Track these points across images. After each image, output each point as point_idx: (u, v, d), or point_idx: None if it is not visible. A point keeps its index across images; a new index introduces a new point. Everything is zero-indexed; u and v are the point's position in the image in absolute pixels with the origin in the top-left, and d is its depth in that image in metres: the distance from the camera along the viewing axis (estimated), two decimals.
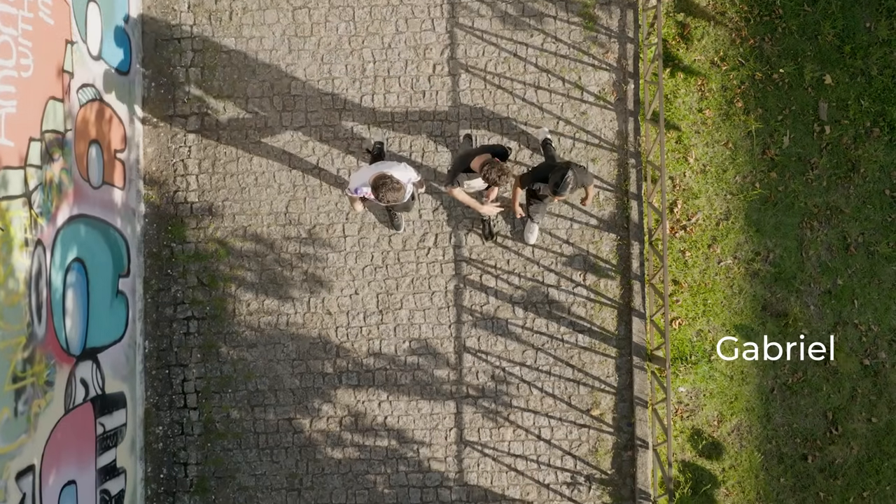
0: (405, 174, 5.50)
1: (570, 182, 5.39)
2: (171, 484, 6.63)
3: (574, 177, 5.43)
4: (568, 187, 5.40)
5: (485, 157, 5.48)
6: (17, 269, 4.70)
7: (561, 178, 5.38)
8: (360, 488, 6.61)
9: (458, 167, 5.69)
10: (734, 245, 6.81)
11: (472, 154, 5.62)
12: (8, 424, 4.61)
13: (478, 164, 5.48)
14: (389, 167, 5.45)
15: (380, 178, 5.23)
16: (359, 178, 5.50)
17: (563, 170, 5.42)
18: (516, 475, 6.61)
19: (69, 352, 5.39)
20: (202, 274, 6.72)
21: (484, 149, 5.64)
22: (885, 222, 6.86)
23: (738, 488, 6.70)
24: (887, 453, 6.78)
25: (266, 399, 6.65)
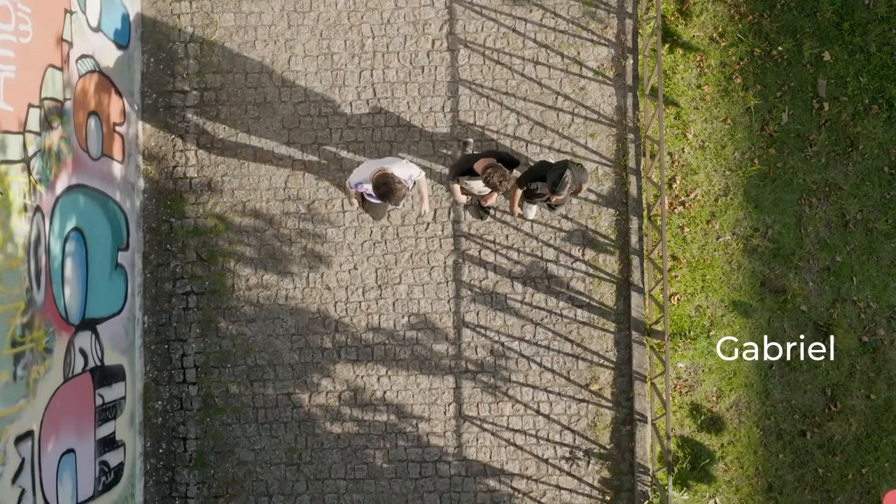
0: (407, 170, 5.49)
1: (569, 181, 5.39)
2: (171, 458, 6.64)
3: (572, 176, 5.42)
4: (566, 186, 5.40)
5: (490, 160, 5.50)
6: (15, 234, 4.70)
7: (559, 178, 5.38)
8: (359, 463, 6.61)
9: (462, 165, 5.71)
10: (733, 221, 6.81)
11: (479, 156, 5.66)
12: (7, 388, 4.62)
13: (481, 166, 5.50)
14: (391, 163, 5.45)
15: (381, 177, 5.21)
16: (360, 174, 5.50)
17: (562, 168, 5.41)
18: (515, 450, 6.61)
19: (68, 321, 5.39)
20: (201, 249, 6.72)
21: (492, 153, 5.67)
22: (884, 199, 6.87)
23: (736, 464, 6.70)
24: (886, 430, 6.78)
25: (265, 374, 6.66)
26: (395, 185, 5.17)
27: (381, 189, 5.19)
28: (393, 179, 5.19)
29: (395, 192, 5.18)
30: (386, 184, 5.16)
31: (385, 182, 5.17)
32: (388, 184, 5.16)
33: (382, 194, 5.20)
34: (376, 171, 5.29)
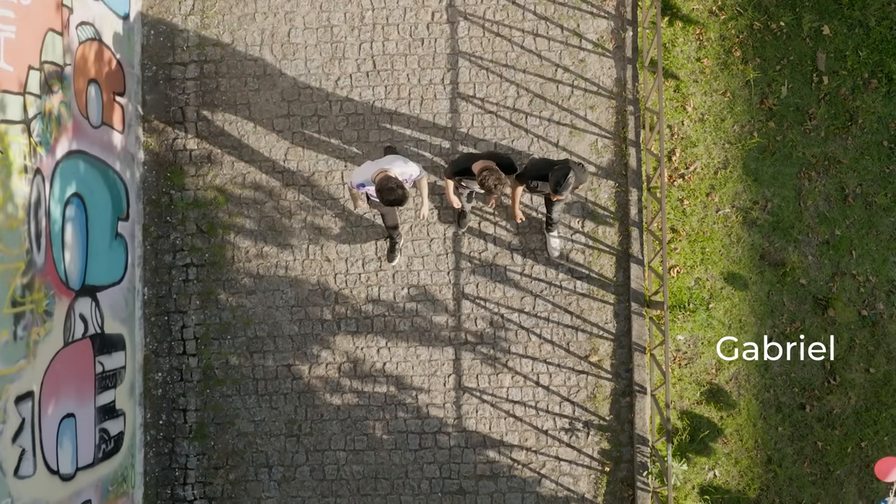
0: (406, 169, 5.50)
1: (571, 182, 5.40)
2: (171, 430, 6.65)
3: (575, 177, 5.43)
4: (568, 187, 5.41)
5: (487, 163, 5.51)
6: (16, 195, 4.71)
7: (562, 178, 5.38)
8: (359, 434, 6.62)
9: (460, 164, 5.72)
10: (732, 194, 6.82)
11: (477, 157, 5.67)
12: (7, 347, 4.63)
13: (479, 167, 5.51)
14: (391, 163, 5.45)
15: (384, 180, 5.22)
16: (361, 174, 5.49)
17: (564, 170, 5.41)
18: (515, 421, 6.62)
19: (68, 285, 5.40)
20: (201, 221, 6.73)
21: (492, 155, 5.68)
22: (883, 173, 6.87)
23: (735, 436, 6.70)
24: (885, 404, 6.78)
25: (265, 345, 6.67)
26: (398, 192, 5.19)
27: (386, 195, 5.19)
28: (396, 182, 5.20)
29: (400, 199, 5.21)
30: (390, 189, 5.17)
31: (388, 187, 5.18)
32: (391, 189, 5.17)
33: (389, 202, 5.20)
34: (377, 172, 5.29)
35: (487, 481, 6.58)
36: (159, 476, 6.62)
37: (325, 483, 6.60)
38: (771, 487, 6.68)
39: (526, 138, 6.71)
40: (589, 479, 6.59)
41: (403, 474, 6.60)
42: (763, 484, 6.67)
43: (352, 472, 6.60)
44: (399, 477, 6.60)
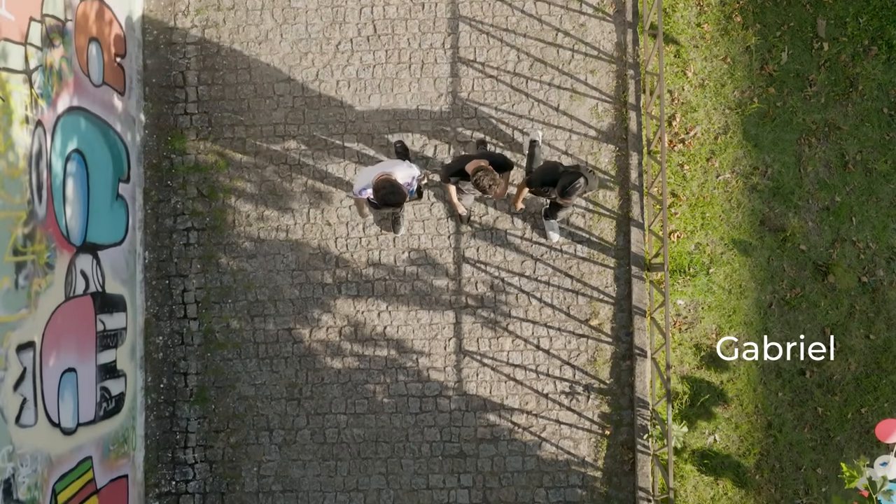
0: (408, 173, 5.48)
1: (580, 188, 5.41)
2: (171, 393, 6.66)
3: (585, 183, 5.43)
4: (577, 192, 5.42)
5: (481, 163, 5.49)
6: (17, 144, 4.72)
7: (570, 184, 5.38)
8: (360, 398, 6.63)
9: (454, 166, 5.69)
10: (732, 159, 6.82)
11: (472, 157, 5.63)
12: (8, 295, 4.64)
13: (472, 168, 5.48)
14: (392, 167, 5.44)
15: (381, 182, 5.21)
16: (363, 180, 5.49)
17: (575, 176, 5.41)
18: (515, 384, 6.63)
19: (69, 240, 5.41)
20: (202, 185, 6.74)
21: (485, 155, 5.65)
22: (883, 140, 6.87)
23: (736, 401, 6.71)
24: (885, 370, 6.78)
25: (266, 309, 6.68)
26: (395, 189, 5.18)
27: (382, 195, 5.18)
28: (394, 184, 5.19)
29: (395, 196, 5.18)
30: (385, 188, 5.17)
31: (384, 186, 5.18)
32: (388, 190, 5.16)
33: (382, 198, 5.20)
34: (378, 175, 5.28)
35: (488, 444, 6.59)
36: (160, 439, 6.62)
37: (325, 446, 6.61)
38: (771, 452, 6.68)
39: (526, 102, 6.71)
40: (589, 442, 6.60)
41: (404, 438, 6.61)
42: (763, 449, 6.68)
43: (352, 436, 6.61)
44: (399, 440, 6.60)
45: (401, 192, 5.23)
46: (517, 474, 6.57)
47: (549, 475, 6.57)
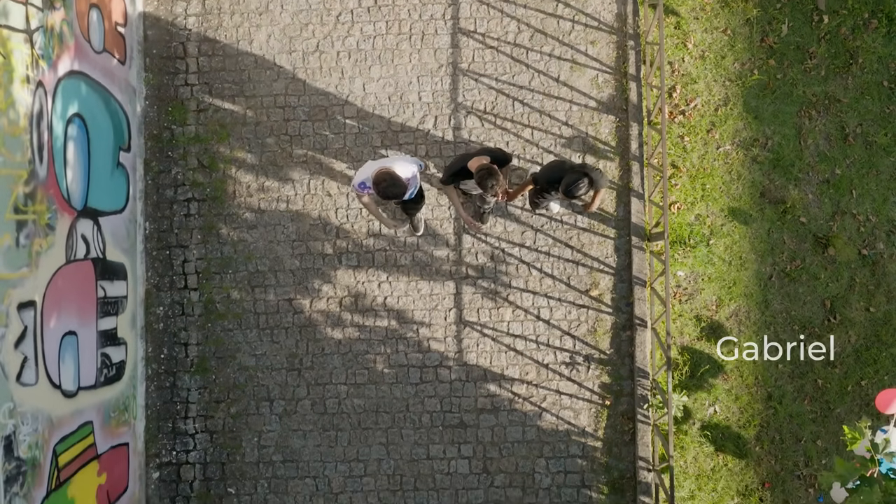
0: (408, 168, 5.47)
1: (584, 188, 5.37)
2: (172, 364, 6.66)
3: (588, 183, 5.38)
4: (580, 191, 5.38)
5: (483, 159, 5.44)
6: (17, 102, 4.73)
7: (573, 182, 5.34)
8: (360, 368, 6.64)
9: (455, 166, 5.63)
10: (733, 131, 6.83)
11: (472, 154, 5.58)
12: (9, 252, 4.65)
13: (475, 165, 5.42)
14: (392, 162, 5.44)
15: (381, 175, 5.20)
16: (363, 174, 5.48)
17: (579, 174, 5.38)
18: (515, 355, 6.63)
19: (70, 203, 5.42)
20: (202, 156, 6.74)
21: (485, 151, 5.59)
22: (884, 113, 6.88)
23: (736, 373, 6.71)
24: (885, 343, 6.79)
25: (266, 280, 6.68)
26: (395, 181, 5.17)
27: (382, 187, 5.17)
28: (393, 176, 5.19)
29: (395, 188, 5.17)
30: (385, 180, 5.16)
31: (385, 179, 5.17)
32: (388, 183, 5.16)
33: (383, 191, 5.18)
34: (378, 170, 5.29)
35: (488, 415, 6.60)
36: (160, 409, 6.63)
37: (325, 416, 6.61)
38: (771, 424, 6.69)
39: (526, 73, 6.72)
40: (589, 412, 6.61)
41: (404, 408, 6.61)
42: (763, 421, 6.68)
43: (353, 406, 6.62)
44: (400, 410, 6.61)
45: (401, 185, 5.22)
46: (517, 444, 6.57)
47: (550, 445, 6.58)
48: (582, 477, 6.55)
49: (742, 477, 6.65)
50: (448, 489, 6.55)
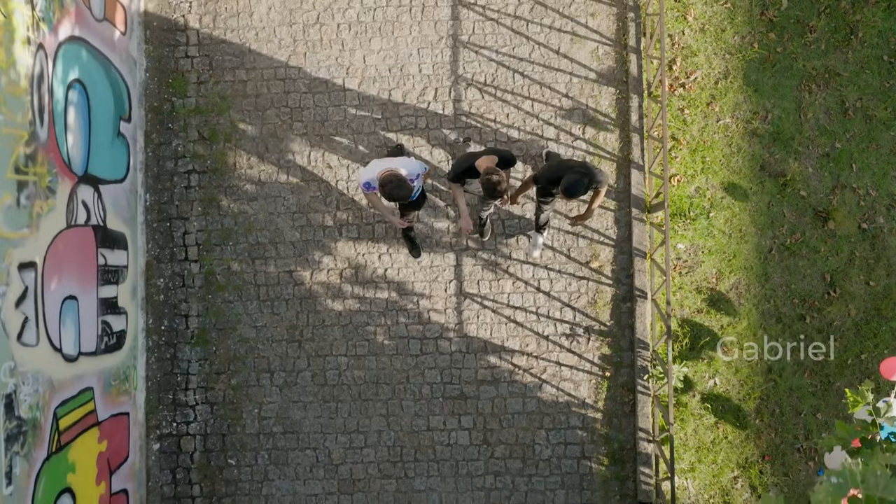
0: (412, 168, 5.47)
1: (582, 189, 5.35)
2: (172, 335, 6.66)
3: (588, 183, 5.36)
4: (579, 193, 5.36)
5: (491, 159, 5.43)
6: (18, 62, 4.73)
7: (573, 182, 5.30)
8: (361, 339, 6.64)
9: (463, 164, 5.60)
10: (733, 104, 6.83)
11: (479, 154, 5.57)
12: (10, 212, 4.65)
13: (483, 164, 5.41)
14: (396, 163, 5.45)
15: (387, 176, 5.21)
16: (367, 173, 5.47)
17: (579, 174, 5.36)
18: (515, 326, 6.63)
19: (71, 168, 5.42)
20: (203, 128, 6.75)
21: (492, 151, 5.57)
22: (884, 88, 6.88)
23: (736, 345, 6.72)
24: (885, 316, 6.79)
25: (267, 252, 6.69)
26: (401, 183, 5.18)
27: (388, 189, 5.18)
28: (399, 178, 5.19)
29: (401, 190, 5.18)
30: (392, 181, 5.17)
31: (391, 180, 5.17)
32: (394, 184, 5.17)
33: (389, 192, 5.19)
34: (383, 171, 5.29)
35: (488, 386, 6.60)
36: (161, 381, 6.63)
37: (326, 388, 6.62)
38: (771, 397, 6.69)
39: (527, 45, 6.72)
40: (589, 384, 6.61)
41: (404, 379, 6.62)
42: (763, 393, 6.69)
43: (353, 377, 6.62)
44: (400, 382, 6.61)
45: (407, 187, 5.22)
46: (517, 416, 6.58)
47: (550, 416, 6.58)
48: (582, 448, 6.55)
49: (742, 449, 6.66)
50: (448, 460, 6.56)
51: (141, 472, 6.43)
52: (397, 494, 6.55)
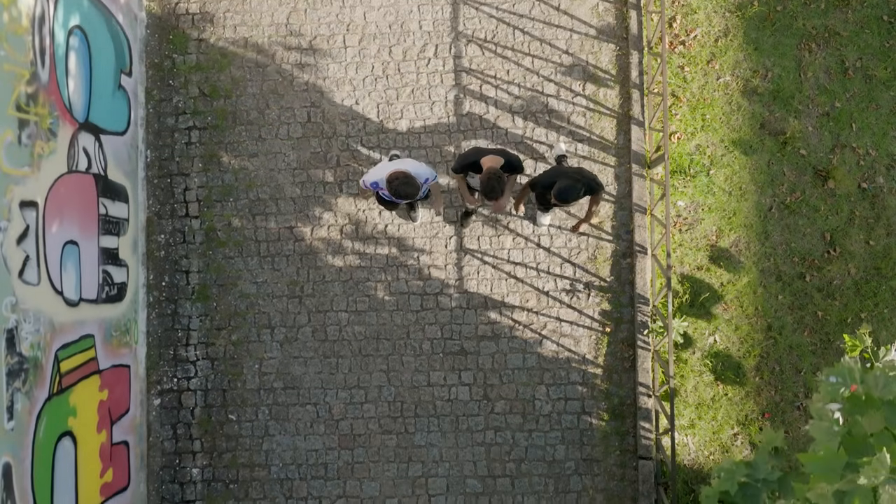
0: (421, 171, 5.45)
1: (576, 193, 5.32)
2: (173, 291, 6.67)
3: (581, 190, 5.34)
4: (571, 199, 5.33)
5: (496, 160, 5.40)
6: (20, 1, 4.74)
7: (566, 188, 5.27)
8: (361, 295, 6.65)
9: (468, 158, 5.58)
10: (733, 62, 6.84)
11: (487, 151, 5.53)
12: (12, 148, 4.66)
13: (487, 163, 5.39)
14: (407, 164, 5.44)
15: (394, 174, 5.20)
16: (376, 174, 5.47)
17: (573, 180, 5.34)
18: (516, 282, 6.64)
19: (72, 113, 5.43)
20: (204, 84, 6.76)
21: (500, 152, 5.53)
22: (883, 48, 6.89)
23: (735, 303, 6.72)
24: (885, 276, 6.80)
25: (267, 208, 6.69)
26: (408, 182, 5.17)
27: (395, 184, 5.17)
28: (407, 177, 5.19)
29: (408, 188, 5.17)
30: (399, 179, 5.16)
31: (398, 178, 5.17)
32: (402, 182, 5.16)
33: (396, 189, 5.18)
34: (392, 170, 5.29)
35: (489, 342, 6.61)
36: (162, 336, 6.65)
37: (326, 343, 6.63)
38: (771, 355, 6.70)
39: (527, 2, 6.73)
40: (590, 339, 6.62)
41: (405, 335, 6.63)
42: (763, 351, 6.69)
43: (353, 333, 6.63)
44: (400, 338, 6.62)
45: (414, 184, 5.21)
46: (517, 371, 6.59)
47: (550, 372, 6.59)
48: (582, 403, 6.56)
49: (742, 407, 6.66)
50: (448, 415, 6.57)
51: (142, 426, 6.44)
52: (397, 449, 6.56)
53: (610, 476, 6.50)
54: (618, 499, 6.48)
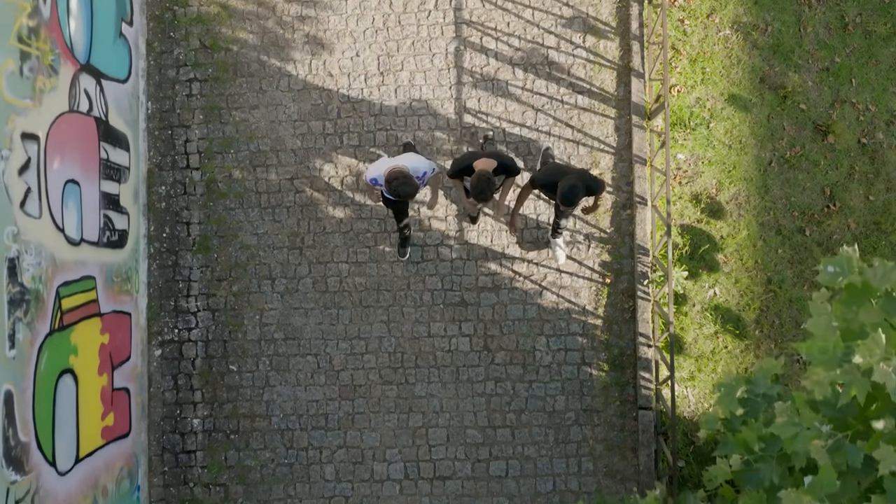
0: (419, 165, 5.47)
1: (580, 192, 5.32)
2: (174, 242, 6.69)
3: (583, 189, 5.34)
4: (576, 201, 5.34)
5: (489, 163, 5.40)
6: None
7: (569, 189, 5.26)
8: (361, 246, 6.66)
9: (462, 162, 5.59)
10: (733, 16, 6.85)
11: (480, 155, 5.54)
12: (14, 79, 4.68)
13: (480, 166, 5.39)
14: (406, 160, 5.46)
15: (393, 172, 5.23)
16: (375, 169, 5.50)
17: (574, 180, 5.33)
18: None
19: (73, 53, 5.44)
20: (204, 36, 6.77)
21: (494, 155, 5.53)
22: (883, 4, 6.90)
23: (735, 256, 6.74)
24: (884, 231, 6.81)
25: (268, 159, 6.71)
26: (407, 181, 5.19)
27: (394, 184, 5.20)
28: (406, 176, 5.21)
29: (407, 188, 5.20)
30: (398, 181, 5.18)
31: (397, 177, 5.19)
32: (400, 182, 5.18)
33: (395, 189, 5.21)
34: (391, 168, 5.31)
35: (489, 293, 6.62)
36: (163, 287, 6.66)
37: (327, 295, 6.64)
38: (770, 308, 6.71)
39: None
40: (590, 291, 6.63)
41: (405, 286, 6.64)
42: (763, 304, 6.70)
43: (354, 284, 6.64)
44: (401, 289, 6.63)
45: (413, 184, 5.23)
46: (518, 322, 6.60)
47: (550, 323, 6.60)
48: (582, 354, 6.57)
49: (742, 359, 6.68)
50: (449, 366, 6.58)
51: (143, 377, 6.45)
52: (398, 400, 6.58)
53: (610, 426, 6.51)
54: (618, 449, 6.49)
